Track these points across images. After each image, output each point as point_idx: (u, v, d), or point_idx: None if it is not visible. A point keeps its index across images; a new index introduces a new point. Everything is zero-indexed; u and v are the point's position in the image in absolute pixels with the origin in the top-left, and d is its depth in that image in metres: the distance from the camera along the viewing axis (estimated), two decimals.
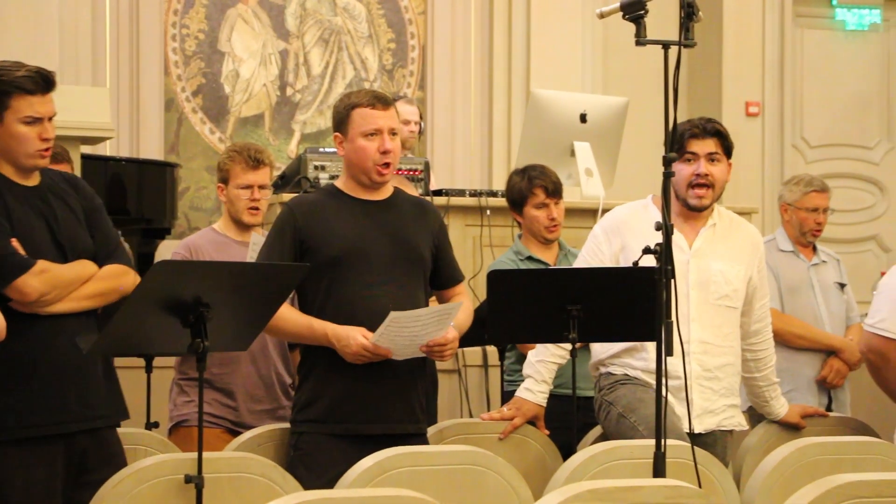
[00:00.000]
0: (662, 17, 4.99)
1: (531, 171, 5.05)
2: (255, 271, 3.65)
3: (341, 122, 3.94)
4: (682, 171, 4.09)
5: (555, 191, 4.96)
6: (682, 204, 4.13)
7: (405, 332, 3.72)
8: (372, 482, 3.38)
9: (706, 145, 4.11)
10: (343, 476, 3.43)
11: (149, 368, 4.84)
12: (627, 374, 4.16)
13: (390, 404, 3.88)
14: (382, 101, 3.93)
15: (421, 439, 3.94)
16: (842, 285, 5.42)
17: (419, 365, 3.94)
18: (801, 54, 9.29)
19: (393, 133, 3.91)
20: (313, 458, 3.81)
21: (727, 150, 4.16)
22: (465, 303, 4.00)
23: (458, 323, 3.94)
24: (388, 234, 3.88)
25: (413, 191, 4.91)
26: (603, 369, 4.24)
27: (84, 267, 3.59)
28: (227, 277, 3.49)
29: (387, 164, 3.90)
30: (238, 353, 4.42)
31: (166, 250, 6.80)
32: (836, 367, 5.23)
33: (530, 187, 4.96)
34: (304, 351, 4.00)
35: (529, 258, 4.93)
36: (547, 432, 4.33)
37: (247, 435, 4.07)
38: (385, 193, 4.00)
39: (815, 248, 5.40)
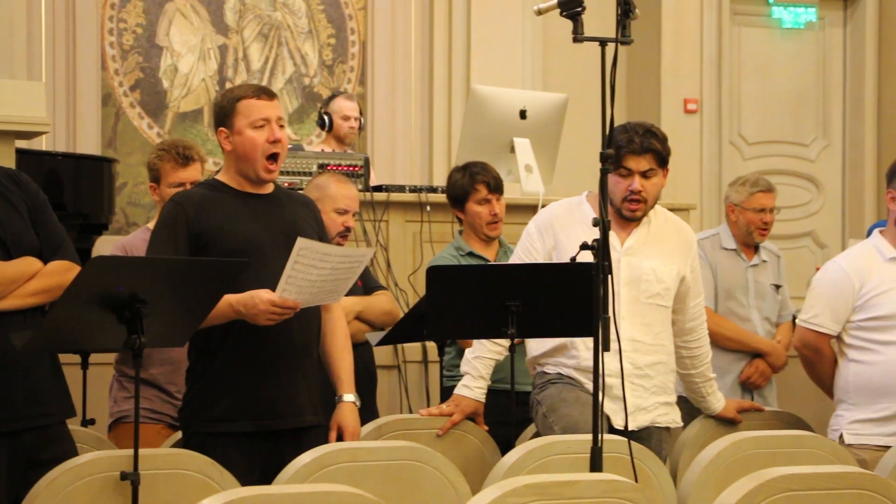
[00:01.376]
0: (601, 14, 5.02)
1: (472, 167, 5.06)
2: (192, 267, 3.61)
3: (226, 115, 3.87)
4: (618, 183, 4.11)
5: (496, 187, 4.98)
6: (616, 211, 4.16)
7: (312, 274, 3.65)
8: (310, 478, 3.37)
9: (641, 163, 4.12)
10: (281, 472, 3.42)
11: (85, 365, 4.80)
12: (560, 374, 4.18)
13: (296, 397, 3.85)
14: (267, 93, 3.90)
15: (323, 430, 3.91)
16: (777, 287, 5.47)
17: (311, 353, 3.91)
18: (739, 52, 9.36)
19: (280, 123, 3.89)
20: (222, 459, 3.70)
21: (663, 162, 4.17)
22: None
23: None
24: (280, 228, 3.82)
25: (352, 189, 4.90)
26: (538, 368, 4.27)
27: (28, 264, 3.55)
28: (163, 273, 3.47)
29: (275, 157, 3.87)
30: (177, 353, 4.38)
31: (104, 246, 6.73)
32: (761, 368, 5.29)
33: (472, 183, 4.97)
34: (195, 349, 3.89)
35: (470, 254, 4.95)
36: (486, 428, 4.34)
37: None
38: (269, 188, 3.96)
39: (756, 248, 5.45)
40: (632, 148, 4.09)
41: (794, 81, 9.49)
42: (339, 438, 3.87)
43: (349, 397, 3.95)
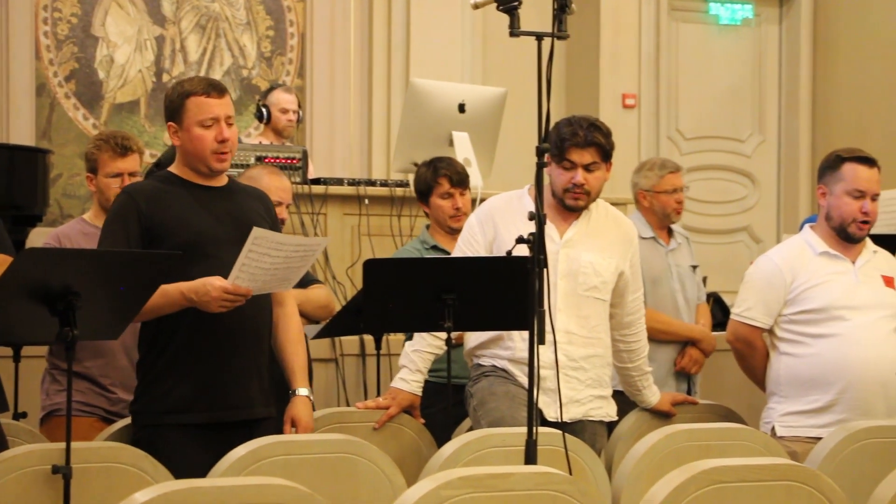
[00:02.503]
0: (539, 8, 5.03)
1: (438, 161, 5.11)
2: (126, 259, 3.59)
3: (175, 111, 3.86)
4: (560, 175, 4.14)
5: (460, 181, 5.02)
6: (558, 202, 4.18)
7: (266, 262, 3.65)
8: (245, 471, 3.36)
9: (585, 156, 4.14)
10: (216, 465, 3.40)
11: (17, 358, 4.75)
12: (495, 366, 4.20)
13: (249, 388, 3.86)
14: (217, 90, 3.88)
15: (275, 422, 3.91)
16: (694, 267, 5.52)
17: (262, 345, 3.91)
18: (677, 47, 9.43)
19: (229, 122, 3.88)
20: (171, 451, 3.69)
21: (606, 156, 4.20)
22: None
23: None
24: (233, 221, 3.82)
25: (285, 182, 4.88)
26: (475, 360, 4.28)
27: None
28: (97, 265, 3.44)
29: (224, 153, 3.87)
30: (112, 346, 4.36)
31: (38, 238, 6.66)
32: (694, 356, 5.33)
33: (435, 177, 5.01)
34: (148, 341, 3.88)
35: (434, 247, 4.97)
36: (422, 421, 4.35)
37: (118, 424, 4.01)
38: (222, 180, 3.96)
39: (670, 232, 5.48)
40: (575, 141, 4.11)
41: (731, 77, 9.58)
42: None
43: (303, 391, 3.97)
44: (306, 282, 4.88)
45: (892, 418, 4.38)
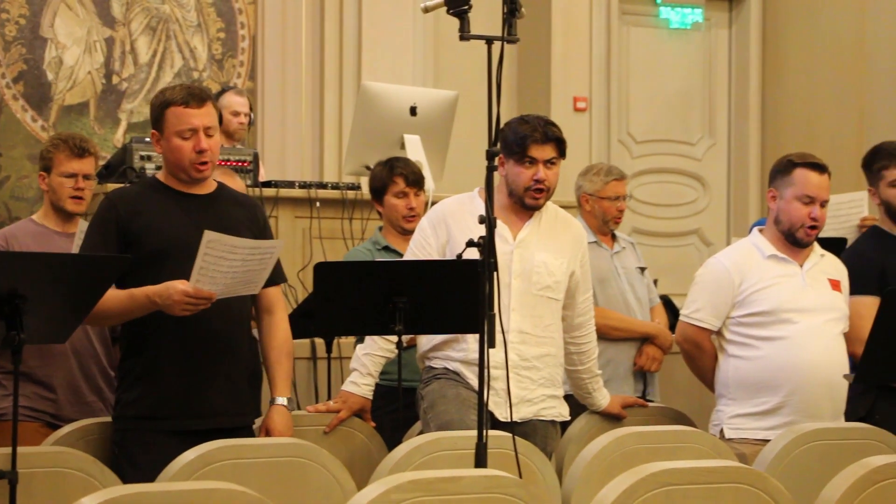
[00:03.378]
0: (490, 12, 5.03)
1: (394, 161, 5.14)
2: (73, 263, 3.58)
3: (157, 119, 3.89)
4: (522, 174, 4.16)
5: (415, 181, 5.04)
6: (517, 202, 4.20)
7: (223, 265, 3.65)
8: (194, 475, 3.35)
9: (545, 151, 4.18)
10: (164, 469, 3.39)
11: None
12: (447, 368, 4.20)
13: (218, 398, 3.86)
14: (197, 99, 3.87)
15: (247, 432, 3.92)
16: (642, 269, 5.55)
17: (242, 355, 3.92)
18: (627, 51, 9.46)
19: (209, 132, 3.87)
20: (140, 456, 3.74)
21: (563, 152, 4.24)
22: (279, 313, 4.00)
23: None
24: (212, 228, 3.80)
25: (238, 183, 4.88)
26: (427, 362, 4.28)
27: None
28: (44, 269, 3.42)
29: (204, 164, 3.87)
30: (59, 347, 4.33)
31: None
32: (651, 353, 5.35)
33: (391, 175, 5.03)
34: (125, 347, 3.93)
35: (386, 248, 4.97)
36: (373, 424, 4.35)
37: (66, 429, 3.99)
38: (208, 188, 3.97)
39: (614, 237, 5.51)
40: (535, 137, 4.15)
41: (681, 81, 9.62)
42: None
43: (282, 400, 4.00)
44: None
45: (838, 420, 4.43)
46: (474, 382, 4.08)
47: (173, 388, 3.82)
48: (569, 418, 4.40)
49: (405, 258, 4.40)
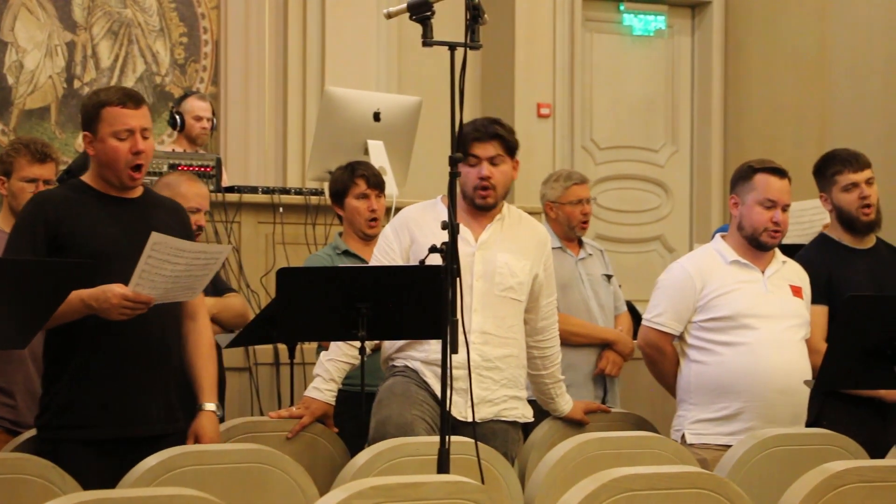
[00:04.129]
0: (453, 17, 5.04)
1: (355, 163, 5.15)
2: (35, 268, 3.54)
3: (90, 120, 3.82)
4: (469, 173, 4.19)
5: (377, 183, 5.04)
6: (470, 203, 4.23)
7: (167, 269, 3.62)
8: (155, 481, 3.33)
9: (488, 149, 4.21)
10: (126, 475, 3.37)
11: None
12: (406, 366, 4.21)
13: (151, 405, 3.82)
14: (134, 101, 3.84)
15: (179, 438, 3.87)
16: (608, 276, 5.57)
17: (169, 360, 3.88)
18: (591, 58, 9.49)
19: (145, 134, 3.84)
20: (72, 467, 3.63)
21: (510, 150, 4.25)
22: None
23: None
24: (142, 233, 3.73)
25: (201, 188, 4.85)
26: (390, 362, 4.29)
27: None
28: (5, 274, 3.39)
29: (139, 168, 3.83)
30: (17, 352, 4.29)
31: None
32: (612, 358, 5.37)
33: (352, 177, 5.03)
34: (50, 353, 3.84)
35: (346, 252, 4.96)
36: (336, 430, 4.34)
37: (25, 435, 3.96)
38: (136, 192, 3.92)
39: (580, 243, 5.53)
40: (476, 135, 4.18)
41: (645, 88, 9.66)
42: None
43: (210, 406, 3.95)
44: (220, 290, 4.85)
45: (798, 426, 4.45)
46: (432, 381, 4.10)
47: (106, 395, 3.75)
48: (532, 419, 4.40)
49: (370, 264, 4.40)
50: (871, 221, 4.86)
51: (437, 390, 3.87)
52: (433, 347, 4.13)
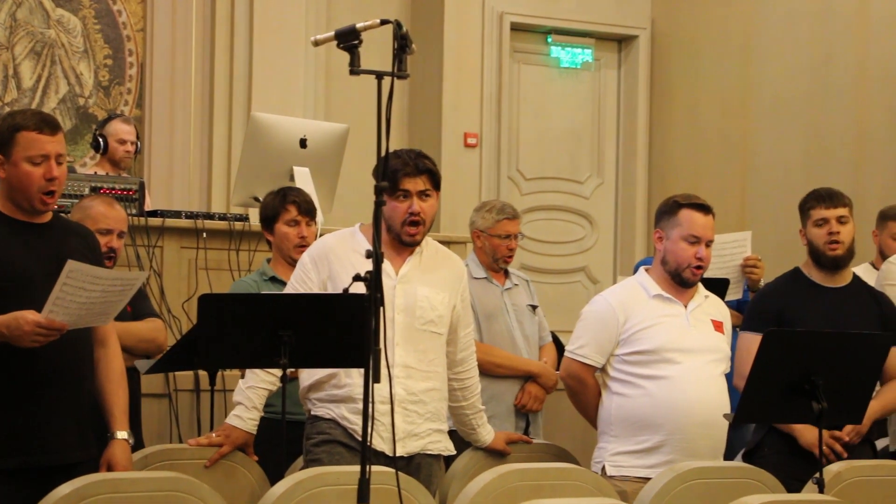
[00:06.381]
0: (381, 46, 5.05)
1: (287, 189, 5.14)
2: None
3: (3, 143, 3.74)
4: (397, 208, 4.14)
5: (308, 210, 5.02)
6: (395, 238, 4.19)
7: (82, 296, 3.57)
8: None
9: (418, 184, 4.18)
10: None
11: None
12: (335, 422, 4.14)
13: (65, 431, 3.76)
14: (50, 126, 3.77)
15: (93, 466, 3.81)
16: (533, 307, 5.59)
17: (82, 387, 3.82)
18: (518, 89, 9.55)
19: (59, 160, 3.78)
20: None
21: (437, 184, 4.25)
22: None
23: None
24: (52, 258, 3.70)
25: (119, 212, 4.79)
26: (310, 406, 4.23)
27: None
28: None
29: (52, 193, 3.77)
30: None
31: None
32: (534, 392, 5.39)
33: (283, 203, 5.01)
34: None
35: (273, 279, 4.93)
36: (256, 458, 4.30)
37: None
38: (46, 217, 3.86)
39: (506, 273, 5.55)
40: (407, 170, 4.15)
41: (571, 120, 9.73)
42: None
43: (122, 434, 3.88)
44: (140, 314, 4.79)
45: (717, 459, 4.48)
46: (359, 427, 4.05)
47: (17, 424, 3.67)
48: (454, 452, 4.39)
49: (285, 292, 4.37)
50: (837, 257, 4.85)
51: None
52: (355, 382, 4.10)
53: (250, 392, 4.26)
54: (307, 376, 4.25)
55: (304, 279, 4.21)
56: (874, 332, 4.67)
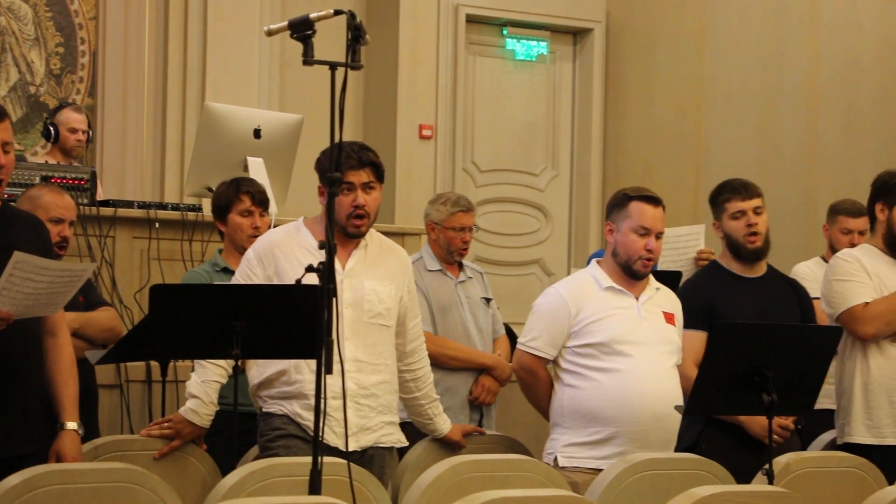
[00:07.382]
0: (336, 37, 5.04)
1: (240, 180, 5.10)
2: None
3: None
4: (341, 201, 4.11)
5: (261, 201, 5.00)
6: (340, 231, 4.17)
7: (28, 287, 3.54)
8: (17, 501, 3.25)
9: (362, 176, 4.17)
10: None
11: None
12: (288, 418, 4.13)
13: (11, 424, 3.72)
14: None
15: (42, 458, 3.77)
16: (487, 300, 5.60)
17: (29, 378, 3.79)
18: (473, 81, 9.55)
19: (6, 148, 3.75)
20: None
21: (381, 177, 4.24)
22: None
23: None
24: (2, 248, 3.64)
25: (68, 201, 4.75)
26: (261, 403, 4.22)
27: None
28: None
29: None
30: None
31: None
32: (488, 385, 5.41)
33: (237, 193, 4.97)
34: None
35: (225, 270, 4.90)
36: (205, 447, 4.28)
37: None
38: None
39: (461, 266, 5.55)
40: (351, 163, 4.14)
41: (526, 112, 9.75)
42: None
43: (71, 425, 3.85)
44: (93, 304, 4.77)
45: (668, 450, 4.51)
46: (312, 422, 4.04)
47: None
48: (407, 444, 4.39)
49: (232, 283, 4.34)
50: (757, 249, 4.94)
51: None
52: (306, 378, 4.09)
53: (206, 387, 4.23)
54: (256, 374, 4.22)
55: (249, 275, 4.19)
56: (800, 321, 4.86)
